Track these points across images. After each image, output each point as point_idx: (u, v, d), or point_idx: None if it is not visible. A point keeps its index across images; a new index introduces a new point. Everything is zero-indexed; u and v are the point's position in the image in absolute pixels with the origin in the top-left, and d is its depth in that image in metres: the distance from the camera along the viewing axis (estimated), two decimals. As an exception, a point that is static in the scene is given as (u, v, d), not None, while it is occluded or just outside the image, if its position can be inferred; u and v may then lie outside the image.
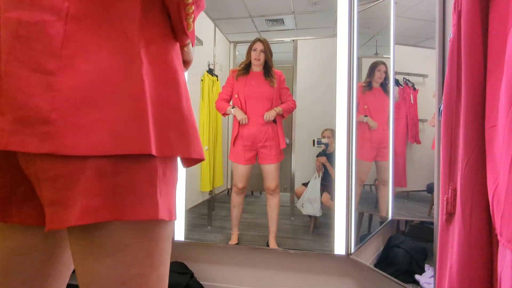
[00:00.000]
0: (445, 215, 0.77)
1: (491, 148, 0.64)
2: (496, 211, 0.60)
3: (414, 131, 1.74)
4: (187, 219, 2.00)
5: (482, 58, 0.69)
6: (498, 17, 0.66)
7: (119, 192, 0.44)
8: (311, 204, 2.15)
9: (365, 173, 1.88)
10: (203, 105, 2.32)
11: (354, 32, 1.70)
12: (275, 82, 1.96)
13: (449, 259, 0.75)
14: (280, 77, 2.00)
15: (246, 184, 2.03)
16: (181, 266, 1.85)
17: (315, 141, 2.12)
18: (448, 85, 0.76)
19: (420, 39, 1.68)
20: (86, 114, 0.41)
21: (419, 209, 1.73)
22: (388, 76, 1.84)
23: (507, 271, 0.55)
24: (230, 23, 2.61)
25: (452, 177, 0.76)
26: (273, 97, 1.96)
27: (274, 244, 1.94)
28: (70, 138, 0.40)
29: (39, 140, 0.39)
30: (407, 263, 1.60)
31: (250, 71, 2.01)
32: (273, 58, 2.05)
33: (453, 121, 0.75)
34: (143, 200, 0.46)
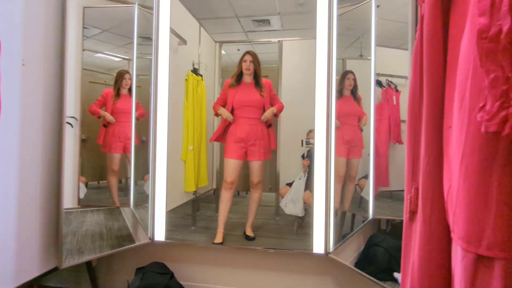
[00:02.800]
0: (409, 214, 0.79)
1: (448, 149, 0.66)
2: (449, 209, 0.62)
3: (397, 132, 1.77)
4: (171, 220, 2.00)
5: (442, 61, 0.71)
6: (457, 22, 0.68)
7: None
8: (294, 204, 2.17)
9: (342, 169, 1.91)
10: (187, 104, 2.32)
11: (333, 34, 1.72)
12: (265, 93, 2.15)
13: (412, 255, 0.77)
14: (269, 85, 2.20)
15: (235, 179, 2.12)
16: (161, 266, 1.85)
17: (304, 141, 2.14)
18: (412, 87, 0.78)
19: (403, 42, 1.70)
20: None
21: (401, 208, 1.73)
22: (357, 84, 1.95)
23: (457, 266, 0.57)
24: (215, 23, 2.61)
25: (415, 177, 0.78)
26: (263, 104, 2.15)
27: (250, 232, 2.11)
28: None
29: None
30: (386, 261, 1.62)
31: (242, 81, 2.19)
32: (259, 58, 2.17)
33: (416, 123, 0.77)
34: None
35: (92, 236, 1.81)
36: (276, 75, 2.42)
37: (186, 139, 2.34)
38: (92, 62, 1.91)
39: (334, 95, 1.73)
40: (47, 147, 1.51)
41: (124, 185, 2.10)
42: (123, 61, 2.08)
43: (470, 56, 0.54)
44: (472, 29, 0.54)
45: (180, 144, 2.32)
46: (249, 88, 2.16)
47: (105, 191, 2.04)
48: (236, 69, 2.18)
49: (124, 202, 2.05)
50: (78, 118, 1.79)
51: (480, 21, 0.46)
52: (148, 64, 2.07)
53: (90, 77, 1.89)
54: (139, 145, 2.04)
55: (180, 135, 2.32)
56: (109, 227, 1.94)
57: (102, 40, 1.97)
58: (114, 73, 2.06)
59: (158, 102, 1.91)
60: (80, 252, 1.69)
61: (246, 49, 2.17)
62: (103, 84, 2.02)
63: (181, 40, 2.27)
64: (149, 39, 2.02)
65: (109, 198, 2.03)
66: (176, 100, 2.20)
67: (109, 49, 2.01)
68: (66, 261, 1.59)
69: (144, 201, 2.04)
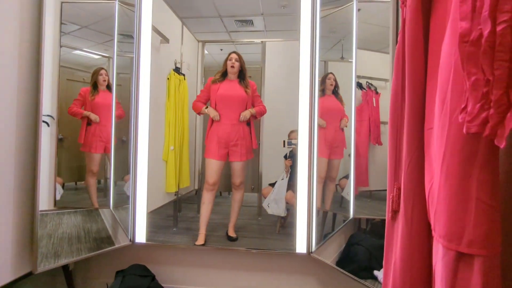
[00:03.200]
0: (391, 213, 0.81)
1: (429, 149, 0.68)
2: (430, 208, 0.64)
3: (376, 133, 1.81)
4: (152, 221, 1.96)
5: (423, 64, 0.73)
6: (438, 27, 0.70)
7: None
8: (277, 204, 2.17)
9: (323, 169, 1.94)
10: (169, 104, 2.29)
11: (316, 35, 1.74)
12: (250, 90, 2.15)
13: (394, 254, 0.79)
14: (253, 86, 2.20)
15: (216, 180, 2.11)
16: (142, 268, 1.81)
17: (286, 142, 2.15)
18: (394, 89, 0.80)
19: (383, 45, 1.74)
20: None
21: (380, 208, 1.78)
22: (338, 84, 1.98)
23: (438, 264, 0.59)
24: (198, 22, 2.59)
25: (397, 177, 0.80)
26: (246, 102, 2.14)
27: (232, 233, 2.11)
28: None
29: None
30: (366, 260, 1.66)
31: (226, 79, 2.17)
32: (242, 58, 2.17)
33: (398, 124, 0.79)
34: None
35: (69, 239, 1.75)
36: (259, 75, 2.42)
37: (168, 139, 2.30)
38: (70, 59, 1.85)
39: (317, 96, 1.76)
40: (21, 146, 1.45)
41: (103, 186, 2.04)
42: (103, 59, 2.02)
43: (450, 59, 0.56)
44: (453, 33, 0.56)
45: (161, 144, 2.28)
46: (233, 85, 2.15)
47: (83, 192, 1.98)
48: (219, 68, 2.17)
49: (103, 203, 2.00)
50: (55, 117, 1.73)
51: (461, 25, 0.47)
52: (128, 62, 2.02)
53: (68, 74, 1.82)
54: (119, 145, 1.99)
55: (162, 135, 2.28)
56: (87, 229, 1.88)
57: (81, 37, 1.91)
58: (92, 71, 2.00)
59: (139, 101, 1.87)
60: (56, 256, 1.63)
61: (229, 49, 2.18)
62: (82, 82, 1.95)
63: (163, 39, 2.23)
64: (129, 37, 1.98)
65: (87, 199, 1.97)
66: (157, 99, 2.16)
67: (88, 46, 1.95)
68: (41, 265, 1.53)
69: (124, 202, 1.99)
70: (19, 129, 1.43)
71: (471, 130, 0.46)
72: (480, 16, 0.44)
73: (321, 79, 1.96)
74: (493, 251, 0.52)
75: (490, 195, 0.52)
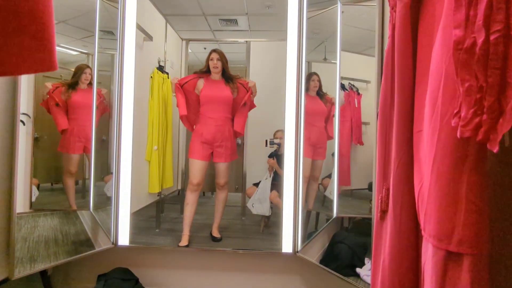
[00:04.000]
0: (380, 213, 0.83)
1: (418, 151, 0.70)
2: (420, 209, 0.66)
3: (358, 133, 1.85)
4: (134, 222, 1.92)
5: (412, 69, 0.75)
6: (426, 32, 0.73)
7: None
8: (261, 203, 2.18)
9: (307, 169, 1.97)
10: (152, 103, 2.25)
11: (303, 36, 1.76)
12: (236, 92, 2.11)
13: (382, 253, 0.81)
14: (245, 84, 2.15)
15: (200, 181, 2.09)
16: (125, 272, 1.77)
17: (268, 141, 2.16)
18: (383, 92, 0.82)
19: (364, 47, 1.78)
20: None
21: (361, 206, 1.83)
22: (321, 85, 2.01)
23: (428, 263, 0.61)
24: (182, 20, 2.56)
25: (385, 178, 0.82)
26: (231, 102, 2.11)
27: (216, 233, 2.10)
28: None
29: None
30: (349, 257, 1.69)
31: (210, 79, 2.13)
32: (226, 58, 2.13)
33: (387, 126, 0.81)
34: None
35: (45, 242, 1.69)
36: (244, 75, 2.42)
37: (151, 138, 2.26)
38: (45, 55, 1.77)
39: (303, 96, 1.77)
40: (-3, 146, 1.38)
41: (81, 187, 1.98)
42: (81, 55, 1.95)
43: (441, 65, 0.58)
44: (444, 40, 0.58)
45: (144, 144, 2.23)
46: (217, 85, 2.12)
47: (59, 194, 1.91)
48: (202, 67, 2.14)
49: (82, 205, 1.93)
50: (31, 115, 1.66)
51: (455, 33, 0.49)
52: (109, 59, 1.97)
53: (44, 71, 1.75)
54: (98, 144, 1.93)
55: (145, 135, 2.23)
56: (65, 232, 1.82)
57: (58, 32, 1.83)
58: (71, 67, 1.93)
59: (123, 100, 1.83)
60: (33, 260, 1.56)
61: (213, 48, 2.14)
62: (59, 79, 1.88)
63: (147, 36, 2.18)
64: (110, 33, 1.93)
65: (64, 200, 1.90)
66: (140, 98, 2.11)
67: (65, 42, 1.88)
68: (17, 270, 1.46)
69: (103, 204, 1.94)
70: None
71: (465, 134, 0.47)
72: (474, 25, 0.46)
73: (305, 80, 1.98)
74: (482, 250, 0.54)
75: (479, 196, 0.54)
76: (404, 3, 0.74)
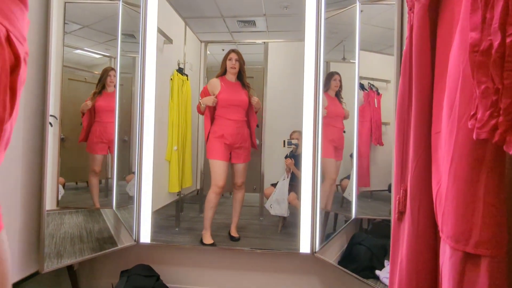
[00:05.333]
0: (397, 214, 0.82)
1: (436, 153, 0.70)
2: (438, 210, 0.65)
3: (378, 133, 1.82)
4: (154, 221, 1.97)
5: (430, 70, 0.75)
6: (444, 33, 0.72)
7: None
8: (279, 204, 2.19)
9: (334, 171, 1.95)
10: (172, 104, 2.30)
11: (321, 37, 1.75)
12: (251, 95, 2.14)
13: (400, 254, 0.80)
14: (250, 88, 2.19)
15: (225, 182, 2.11)
16: (147, 268, 1.82)
17: (286, 141, 2.17)
18: (401, 93, 0.81)
19: (384, 46, 1.75)
20: None
21: (381, 208, 1.80)
22: (342, 85, 1.99)
23: (445, 263, 0.61)
24: (201, 22, 2.60)
25: (403, 179, 0.82)
26: (248, 105, 2.14)
27: (235, 233, 2.10)
28: None
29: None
30: (368, 259, 1.67)
31: (226, 79, 2.14)
32: (244, 59, 2.16)
33: (405, 127, 0.81)
34: None
35: (71, 238, 1.76)
36: (261, 76, 2.43)
37: (171, 139, 2.31)
38: (71, 59, 1.85)
39: (321, 97, 1.77)
40: (28, 147, 1.46)
41: (103, 186, 2.05)
42: (104, 58, 2.03)
43: (459, 67, 0.58)
44: (461, 42, 0.57)
45: (164, 145, 2.29)
46: (235, 88, 2.14)
47: (83, 192, 1.99)
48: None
49: (105, 203, 2.00)
50: (58, 117, 1.73)
51: (471, 35, 0.49)
52: (130, 62, 2.03)
53: (70, 74, 1.83)
54: (120, 145, 1.99)
55: (165, 135, 2.29)
56: (89, 229, 1.89)
57: (82, 36, 1.91)
58: (94, 70, 2.01)
59: (145, 102, 1.88)
60: (59, 256, 1.63)
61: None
62: (83, 81, 1.96)
63: (167, 39, 2.24)
64: (131, 37, 1.99)
65: (87, 199, 1.98)
66: (161, 100, 2.17)
67: (89, 46, 1.96)
68: (46, 265, 1.53)
69: (125, 202, 2.00)
70: (26, 129, 1.44)
71: (481, 136, 0.47)
72: (490, 28, 0.46)
73: (326, 79, 1.95)
74: (500, 252, 0.54)
75: (496, 198, 0.53)
76: (422, 4, 0.73)
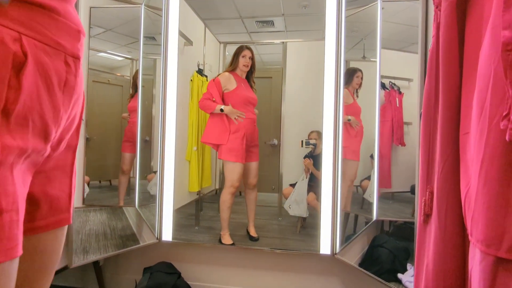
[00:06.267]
0: (423, 216, 0.80)
1: (464, 154, 0.68)
2: (467, 213, 0.64)
3: (399, 133, 1.78)
4: (175, 220, 2.01)
5: (458, 69, 0.73)
6: (473, 31, 0.70)
7: None
8: (298, 205, 2.18)
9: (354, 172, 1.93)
10: (192, 105, 2.33)
11: (342, 36, 1.73)
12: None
13: (426, 257, 0.79)
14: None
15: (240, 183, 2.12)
16: (169, 266, 1.86)
17: (304, 142, 2.16)
18: (427, 93, 0.80)
19: (406, 44, 1.71)
20: None
21: (403, 210, 1.77)
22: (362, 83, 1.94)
23: (475, 268, 0.59)
24: (220, 23, 2.62)
25: (429, 180, 0.80)
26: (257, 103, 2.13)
27: (254, 232, 2.09)
28: None
29: None
30: (390, 262, 1.64)
31: (238, 76, 2.12)
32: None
33: (431, 127, 0.79)
34: None
35: (96, 235, 1.82)
36: (280, 76, 2.43)
37: (191, 139, 2.35)
38: (95, 61, 1.92)
39: (342, 96, 1.75)
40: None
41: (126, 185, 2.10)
42: (126, 61, 2.08)
43: (490, 66, 0.56)
44: (492, 40, 0.56)
45: (185, 145, 2.33)
46: (247, 85, 2.12)
47: (106, 191, 2.05)
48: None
49: (127, 201, 2.06)
50: (84, 118, 1.79)
51: (504, 34, 0.47)
52: (151, 64, 2.07)
53: (94, 76, 1.89)
54: (142, 144, 2.05)
55: (185, 136, 2.32)
56: (113, 227, 1.94)
57: (105, 39, 1.98)
58: (117, 72, 2.07)
59: (166, 103, 1.92)
60: (85, 252, 1.69)
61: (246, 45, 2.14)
62: (106, 83, 2.02)
63: (187, 41, 2.27)
64: (152, 39, 2.03)
65: (110, 197, 2.04)
66: (181, 100, 2.20)
67: (112, 48, 2.02)
68: (73, 260, 1.59)
69: (147, 201, 2.05)
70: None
71: (514, 137, 0.46)
72: None
73: (347, 75, 1.91)
74: (535, 257, 0.52)
75: None
76: (450, 2, 0.71)
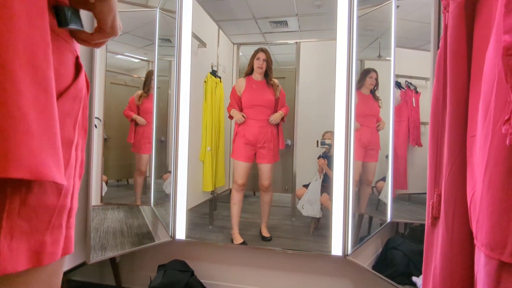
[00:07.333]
0: (431, 219, 0.79)
1: (471, 157, 0.66)
2: (472, 216, 0.62)
3: (416, 134, 1.75)
4: (189, 219, 2.04)
5: (466, 71, 0.71)
6: (481, 33, 0.68)
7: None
8: (311, 205, 2.17)
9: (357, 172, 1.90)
10: (206, 106, 2.36)
11: (354, 35, 1.72)
12: (279, 92, 2.13)
13: (433, 260, 0.78)
14: (278, 86, 2.17)
15: (245, 181, 2.14)
16: (182, 264, 1.89)
17: (319, 142, 2.15)
18: (435, 94, 0.78)
19: (422, 42, 1.68)
20: None
21: (419, 212, 1.73)
22: (378, 83, 1.90)
23: (480, 272, 0.58)
24: (233, 24, 2.64)
25: (437, 183, 0.79)
26: (273, 104, 2.13)
27: (266, 233, 2.11)
28: None
29: None
30: (404, 265, 1.61)
31: (252, 78, 2.15)
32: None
33: (439, 130, 0.78)
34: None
35: (113, 233, 1.88)
36: (293, 76, 2.43)
37: (205, 140, 2.38)
38: (113, 63, 1.97)
39: (354, 97, 1.73)
40: (77, 147, 1.58)
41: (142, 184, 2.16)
42: (142, 62, 2.14)
43: (494, 70, 0.55)
44: (497, 43, 0.55)
45: (198, 145, 2.36)
46: (260, 86, 2.14)
47: (123, 190, 2.11)
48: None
49: (143, 200, 2.11)
50: (101, 119, 1.85)
51: (505, 38, 0.47)
52: (166, 65, 2.12)
53: (111, 78, 1.95)
54: (158, 145, 2.09)
55: (199, 136, 2.36)
56: (129, 225, 2.00)
57: (122, 42, 2.03)
58: (134, 74, 2.12)
59: (180, 104, 1.96)
60: (103, 248, 1.75)
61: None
62: (123, 85, 2.08)
63: (201, 43, 2.31)
64: (167, 41, 2.07)
65: (127, 196, 2.10)
66: (195, 101, 2.24)
67: (129, 51, 2.07)
68: (91, 256, 1.65)
69: (162, 200, 2.09)
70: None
71: (515, 141, 0.45)
72: None
73: (361, 75, 1.91)
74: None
75: None
76: (458, 3, 0.70)
